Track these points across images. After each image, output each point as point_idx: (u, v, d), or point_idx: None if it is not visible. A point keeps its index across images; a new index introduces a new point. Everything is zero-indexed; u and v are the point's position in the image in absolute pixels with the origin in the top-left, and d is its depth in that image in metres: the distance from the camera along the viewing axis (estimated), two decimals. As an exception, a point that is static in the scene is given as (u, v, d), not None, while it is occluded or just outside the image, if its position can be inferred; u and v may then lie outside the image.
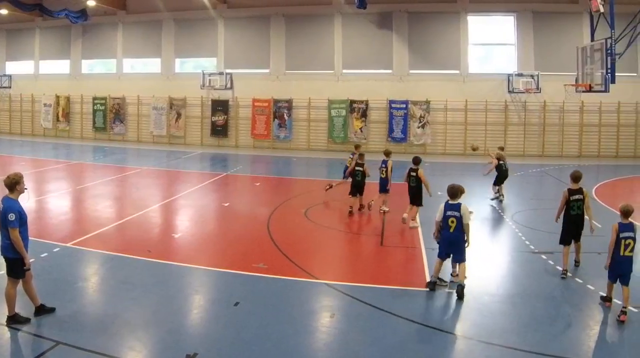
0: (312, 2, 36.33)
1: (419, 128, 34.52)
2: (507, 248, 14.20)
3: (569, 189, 11.82)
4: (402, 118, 34.75)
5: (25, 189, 8.86)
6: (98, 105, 40.86)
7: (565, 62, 30.43)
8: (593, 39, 23.18)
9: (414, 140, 34.35)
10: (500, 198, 19.70)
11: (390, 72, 35.55)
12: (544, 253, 13.08)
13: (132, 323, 8.98)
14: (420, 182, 15.58)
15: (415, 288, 10.83)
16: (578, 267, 11.98)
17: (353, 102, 35.46)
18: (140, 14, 39.92)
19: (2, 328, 8.47)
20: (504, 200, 19.55)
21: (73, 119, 42.09)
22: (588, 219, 11.79)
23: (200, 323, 9.29)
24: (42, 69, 43.58)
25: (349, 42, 36.13)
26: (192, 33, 39.04)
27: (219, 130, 38.24)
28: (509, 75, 33.57)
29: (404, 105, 34.69)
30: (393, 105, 34.91)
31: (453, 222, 10.39)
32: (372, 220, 17.03)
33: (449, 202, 10.58)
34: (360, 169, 17.36)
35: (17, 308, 8.67)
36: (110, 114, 40.69)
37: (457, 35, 34.83)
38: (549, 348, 8.22)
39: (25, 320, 8.64)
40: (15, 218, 8.35)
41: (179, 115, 39.02)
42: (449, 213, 10.45)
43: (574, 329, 9.15)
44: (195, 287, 11.03)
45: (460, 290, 10.24)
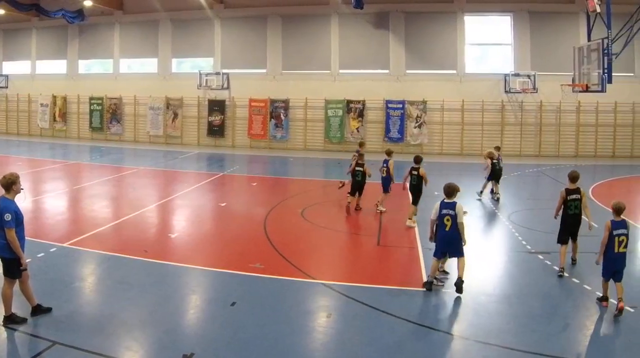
0: (309, 2, 36.31)
1: (416, 128, 34.52)
2: (503, 248, 14.22)
3: (567, 189, 11.91)
4: (398, 118, 34.76)
5: (22, 189, 8.87)
6: (95, 105, 40.78)
7: (562, 62, 30.42)
8: (590, 39, 23.20)
9: (411, 140, 34.36)
10: (496, 197, 19.82)
11: (387, 72, 35.55)
12: (541, 253, 13.10)
13: (128, 323, 8.97)
14: (421, 180, 15.73)
15: (412, 288, 10.84)
16: (575, 265, 12.02)
17: (350, 102, 35.43)
18: (137, 14, 39.85)
19: (-2, 328, 8.47)
20: (501, 200, 19.61)
21: (70, 119, 41.98)
22: (586, 219, 11.81)
23: (197, 323, 9.29)
24: (38, 69, 43.48)
25: (346, 42, 36.12)
26: (189, 33, 39.01)
27: (216, 130, 38.20)
28: (506, 75, 33.55)
29: (401, 105, 34.71)
30: (390, 105, 34.91)
31: (448, 220, 10.41)
32: (368, 220, 17.05)
33: (445, 200, 10.61)
34: (361, 169, 17.38)
35: (13, 308, 8.66)
36: (107, 114, 40.61)
37: (453, 35, 34.84)
38: (546, 348, 8.23)
39: (22, 320, 8.62)
40: (12, 218, 8.34)
41: (176, 115, 38.97)
42: (444, 211, 10.48)
43: (571, 329, 9.17)
44: (192, 287, 11.03)
45: (460, 284, 10.27)
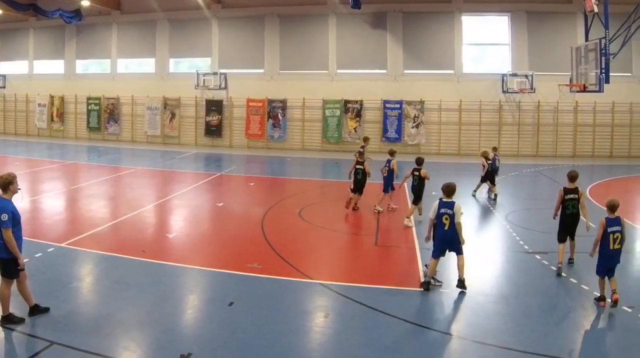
0: (306, 2, 36.30)
1: (413, 128, 34.55)
2: (501, 248, 14.22)
3: (565, 188, 11.96)
4: (396, 118, 34.76)
5: (19, 189, 8.85)
6: (92, 105, 40.73)
7: (560, 62, 30.43)
8: (587, 39, 23.26)
9: (408, 140, 34.35)
10: (493, 196, 19.87)
11: (385, 72, 35.56)
12: (538, 253, 13.11)
13: (126, 323, 8.97)
14: (423, 182, 15.83)
15: (410, 288, 10.85)
16: (572, 266, 12.04)
17: (347, 102, 35.44)
18: (135, 14, 39.82)
19: (-4, 328, 8.47)
20: (498, 200, 19.63)
21: (67, 119, 41.93)
22: (584, 219, 11.83)
23: (195, 323, 9.28)
24: (36, 69, 43.41)
25: (344, 42, 36.12)
26: (186, 33, 38.97)
27: (213, 130, 38.17)
28: (503, 75, 33.59)
29: (398, 105, 34.71)
30: (387, 105, 34.92)
31: (447, 219, 10.46)
32: (366, 220, 17.06)
33: (443, 199, 10.65)
34: (361, 167, 17.45)
35: (11, 308, 8.65)
36: (105, 114, 40.58)
37: (451, 35, 34.86)
38: (543, 348, 8.23)
39: (20, 320, 8.61)
40: (8, 218, 8.32)
41: (173, 115, 38.95)
42: (443, 210, 10.52)
43: (569, 329, 9.19)
44: (190, 287, 11.03)
45: (461, 285, 10.46)
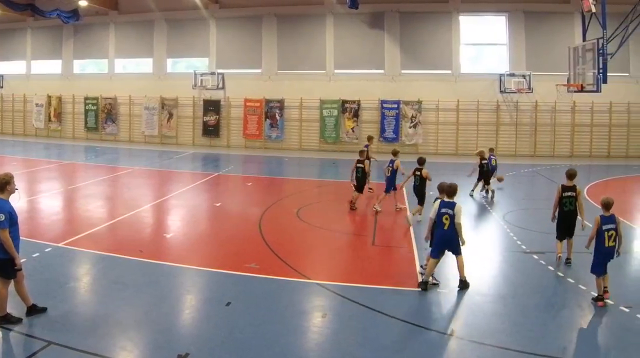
0: (304, 2, 36.30)
1: (411, 128, 34.57)
2: (498, 248, 14.22)
3: (563, 185, 12.18)
4: (393, 118, 34.79)
5: (16, 189, 8.85)
6: (90, 105, 40.71)
7: (557, 62, 30.48)
8: (585, 39, 23.24)
9: (406, 140, 34.34)
10: (490, 196, 19.99)
11: (382, 72, 35.58)
12: (536, 253, 13.12)
13: (123, 323, 8.97)
14: (424, 182, 15.91)
15: (407, 288, 10.85)
16: (570, 266, 12.04)
17: (345, 102, 35.45)
18: (132, 14, 39.80)
19: (-7, 328, 8.46)
20: (495, 200, 19.69)
21: (65, 119, 41.92)
22: (579, 217, 11.89)
23: (192, 323, 9.28)
24: (33, 69, 43.39)
25: (341, 42, 36.13)
26: (184, 33, 38.95)
27: (211, 130, 38.18)
28: (501, 75, 33.65)
29: (396, 105, 34.73)
30: (385, 105, 34.94)
31: (447, 219, 10.52)
32: (364, 220, 17.09)
33: (445, 200, 10.72)
34: (361, 166, 17.72)
35: (8, 308, 8.65)
36: (102, 114, 40.55)
37: (448, 35, 34.89)
38: (541, 348, 8.24)
39: (17, 320, 8.62)
40: (5, 218, 8.31)
41: (171, 115, 38.93)
42: (444, 210, 10.59)
43: (566, 329, 9.19)
44: (187, 287, 11.02)
45: (463, 285, 10.64)
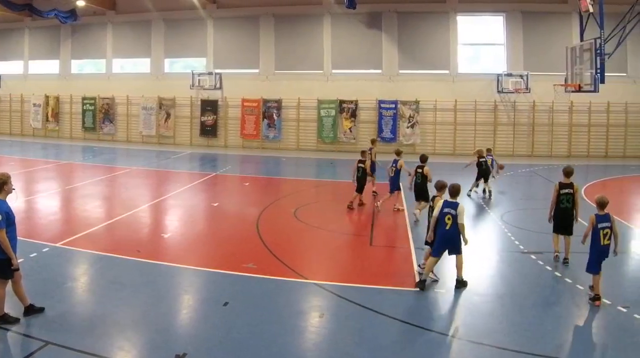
0: (301, 2, 36.31)
1: (408, 128, 34.58)
2: (496, 248, 14.21)
3: (560, 183, 12.31)
4: (391, 118, 34.82)
5: (13, 189, 8.84)
6: (87, 105, 40.68)
7: (555, 62, 30.57)
8: (582, 39, 23.31)
9: (403, 140, 34.30)
10: (487, 195, 20.13)
11: (380, 72, 35.60)
12: (534, 253, 13.14)
13: (121, 323, 8.96)
14: (426, 179, 16.00)
15: (405, 288, 10.85)
16: (567, 266, 12.06)
17: (342, 102, 35.47)
18: (130, 14, 39.77)
19: (-9, 328, 8.45)
20: (493, 200, 19.75)
21: (62, 119, 41.87)
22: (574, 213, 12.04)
23: (190, 323, 9.28)
24: (31, 69, 43.33)
25: (339, 42, 36.15)
26: (181, 33, 38.94)
27: (208, 130, 38.17)
28: (499, 75, 33.67)
29: (394, 105, 34.76)
30: (382, 105, 34.97)
31: (449, 219, 10.59)
32: (361, 220, 17.10)
33: (448, 199, 10.81)
34: (362, 166, 17.89)
35: (6, 308, 8.64)
36: (100, 114, 40.52)
37: (446, 35, 34.92)
38: (538, 348, 8.25)
39: (15, 320, 8.60)
40: (2, 218, 8.30)
41: (168, 115, 38.91)
42: (446, 210, 10.66)
43: (563, 329, 9.21)
44: (185, 287, 11.02)
45: (460, 285, 10.69)
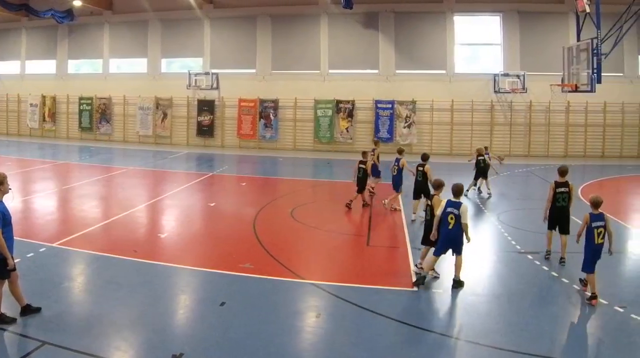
0: (298, 2, 36.29)
1: (405, 128, 34.60)
2: (493, 248, 14.24)
3: (556, 182, 12.46)
4: (388, 118, 34.82)
5: (10, 189, 8.82)
6: (84, 105, 40.62)
7: (551, 62, 30.57)
8: (579, 39, 23.34)
9: (400, 140, 34.23)
10: (487, 194, 20.34)
11: (377, 72, 35.62)
12: (530, 253, 13.16)
13: (118, 323, 8.96)
14: (427, 177, 16.07)
15: (402, 288, 10.87)
16: (564, 266, 12.09)
17: (339, 102, 35.48)
18: (127, 14, 39.73)
19: (-13, 328, 8.44)
20: (490, 200, 19.79)
21: (59, 119, 41.80)
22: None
23: (186, 323, 9.27)
24: (28, 69, 43.23)
25: (335, 42, 36.15)
26: (178, 33, 38.91)
27: (205, 130, 38.15)
28: (495, 75, 33.71)
29: (390, 105, 34.77)
30: (379, 105, 34.98)
31: (452, 218, 10.66)
32: (358, 221, 17.11)
33: (451, 199, 10.87)
34: (363, 166, 18.00)
35: (2, 308, 8.62)
36: (97, 114, 40.47)
37: (443, 35, 34.95)
38: (535, 348, 8.26)
39: (11, 320, 8.60)
40: (-1, 219, 8.31)
41: (165, 115, 38.88)
42: (450, 209, 10.72)
43: (560, 329, 9.23)
44: (181, 287, 11.02)
45: (457, 285, 10.74)
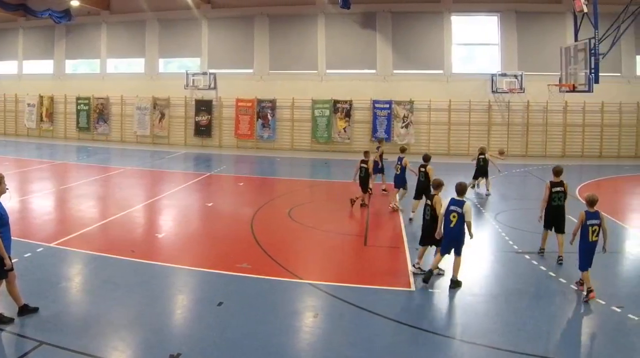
0: (296, 2, 36.28)
1: (403, 128, 34.61)
2: (490, 248, 14.24)
3: (551, 182, 12.65)
4: (385, 118, 34.83)
5: (7, 189, 8.81)
6: (82, 105, 40.58)
7: (549, 62, 30.63)
8: (577, 39, 23.34)
9: (398, 140, 34.14)
10: (486, 194, 20.48)
11: (374, 72, 35.61)
12: (528, 253, 13.19)
13: (115, 323, 8.95)
14: (429, 177, 16.03)
15: (399, 288, 10.88)
16: (561, 265, 12.13)
17: (337, 102, 35.48)
18: (124, 14, 39.68)
19: (-15, 328, 8.43)
20: (487, 200, 19.85)
21: (57, 119, 41.76)
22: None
23: (184, 323, 9.27)
24: (25, 69, 43.18)
25: (333, 42, 36.15)
26: (176, 33, 38.87)
27: (203, 130, 38.13)
28: (493, 75, 33.74)
29: (388, 105, 34.78)
30: (377, 105, 34.99)
31: (455, 217, 10.72)
32: (356, 221, 17.13)
33: (455, 198, 10.90)
34: (365, 166, 18.08)
35: (0, 308, 8.62)
36: (94, 114, 40.43)
37: (440, 35, 34.95)
38: (533, 348, 8.28)
39: (9, 320, 8.59)
40: (-4, 219, 8.29)
41: (163, 115, 38.86)
42: (452, 208, 10.78)
43: (557, 329, 9.25)
44: (179, 287, 11.01)
45: (454, 285, 10.76)
